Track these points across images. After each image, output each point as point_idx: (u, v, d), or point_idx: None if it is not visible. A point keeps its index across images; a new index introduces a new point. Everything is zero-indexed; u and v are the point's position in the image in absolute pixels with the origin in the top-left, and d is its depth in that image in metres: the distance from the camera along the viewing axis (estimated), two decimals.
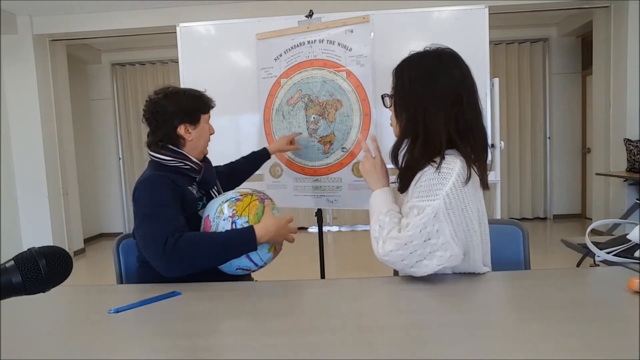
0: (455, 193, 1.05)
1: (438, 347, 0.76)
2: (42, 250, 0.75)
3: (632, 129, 4.24)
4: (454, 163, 1.07)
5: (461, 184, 1.06)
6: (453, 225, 1.05)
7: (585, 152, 5.66)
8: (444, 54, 1.18)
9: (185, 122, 1.45)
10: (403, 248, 1.05)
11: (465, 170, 1.07)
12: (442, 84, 1.12)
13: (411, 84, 1.15)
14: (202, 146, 1.52)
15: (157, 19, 4.39)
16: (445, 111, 1.10)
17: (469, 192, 1.08)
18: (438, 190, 1.04)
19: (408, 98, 1.16)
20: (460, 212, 1.06)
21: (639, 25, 4.17)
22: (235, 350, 0.78)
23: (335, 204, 2.35)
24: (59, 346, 0.82)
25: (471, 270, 1.16)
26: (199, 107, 1.49)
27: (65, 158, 4.97)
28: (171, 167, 1.43)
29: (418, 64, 1.18)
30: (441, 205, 1.04)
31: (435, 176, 1.06)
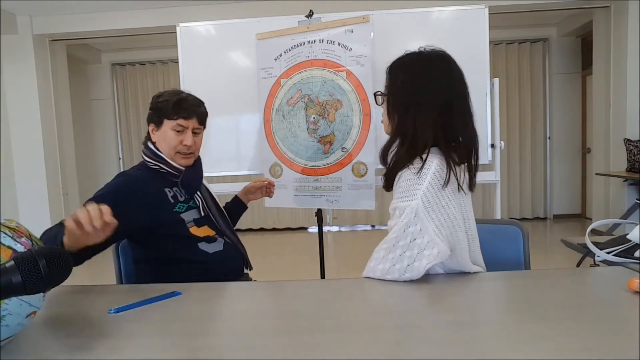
0: (433, 192, 1.07)
1: (438, 347, 0.76)
2: (42, 250, 0.75)
3: (632, 129, 4.24)
4: (431, 162, 1.09)
5: (438, 183, 1.08)
6: (435, 222, 1.07)
7: (585, 152, 5.67)
8: (437, 58, 1.20)
9: (152, 122, 1.49)
10: (392, 250, 1.09)
11: (443, 170, 1.09)
12: (433, 89, 1.14)
13: (403, 86, 1.17)
14: (167, 152, 1.46)
15: (157, 19, 4.39)
16: (434, 116, 1.12)
17: (448, 191, 1.09)
18: (415, 191, 1.07)
19: (399, 100, 1.18)
20: (442, 209, 1.08)
21: (639, 25, 4.17)
22: (235, 350, 0.78)
23: (335, 204, 2.35)
24: (59, 346, 0.82)
25: (460, 269, 1.16)
26: (163, 111, 1.45)
27: (65, 158, 4.97)
28: (151, 168, 1.49)
29: (411, 67, 1.20)
30: (419, 205, 1.06)
31: (413, 177, 1.09)
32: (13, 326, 0.78)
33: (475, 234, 1.20)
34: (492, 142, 2.50)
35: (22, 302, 0.78)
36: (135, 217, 1.36)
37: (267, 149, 2.45)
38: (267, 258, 4.40)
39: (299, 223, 5.90)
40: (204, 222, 1.50)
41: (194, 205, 1.50)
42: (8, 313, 0.76)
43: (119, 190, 1.38)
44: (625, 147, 4.16)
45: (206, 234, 1.48)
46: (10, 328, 0.77)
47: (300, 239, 5.52)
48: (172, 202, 1.45)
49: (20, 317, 0.79)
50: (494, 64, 5.43)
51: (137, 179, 1.44)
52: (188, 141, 1.46)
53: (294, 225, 5.90)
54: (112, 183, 1.41)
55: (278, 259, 4.53)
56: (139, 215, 1.37)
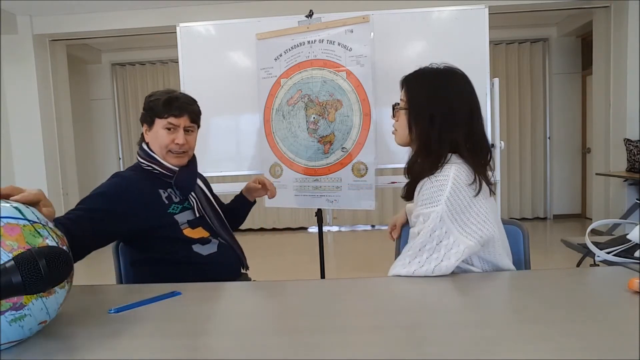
0: (457, 195, 1.13)
1: (438, 347, 0.76)
2: (42, 250, 0.75)
3: (632, 129, 4.24)
4: (449, 169, 1.15)
5: (459, 186, 1.13)
6: (459, 223, 1.13)
7: (585, 152, 5.67)
8: (455, 72, 1.25)
9: (145, 122, 1.49)
10: (418, 255, 1.14)
11: (462, 174, 1.15)
12: (456, 100, 1.20)
13: (427, 98, 1.22)
14: (159, 152, 1.46)
15: (157, 19, 4.39)
16: (457, 127, 1.18)
17: (470, 192, 1.14)
18: (439, 197, 1.13)
19: (423, 112, 1.21)
20: (465, 210, 1.13)
21: (639, 25, 4.17)
22: (235, 350, 0.78)
23: (335, 204, 2.35)
24: (58, 346, 0.82)
25: (494, 261, 1.21)
26: (154, 110, 1.45)
27: (65, 158, 4.97)
28: (145, 169, 1.48)
29: (432, 80, 1.24)
30: (444, 209, 1.12)
31: (435, 184, 1.14)
32: (26, 330, 0.78)
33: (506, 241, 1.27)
34: (492, 142, 2.50)
35: (43, 307, 0.78)
36: (130, 218, 1.36)
37: (267, 149, 2.45)
38: (267, 258, 4.40)
39: (299, 223, 5.90)
40: (199, 224, 1.49)
41: (189, 206, 1.49)
42: (29, 314, 0.76)
43: (114, 190, 1.38)
44: (625, 147, 4.16)
45: (200, 235, 1.47)
46: (23, 330, 0.77)
47: (300, 239, 5.52)
48: (166, 202, 1.44)
49: (35, 323, 0.78)
50: (494, 64, 5.43)
51: (131, 180, 1.43)
52: (180, 139, 1.44)
53: (294, 225, 5.90)
54: (107, 184, 1.40)
55: (278, 259, 4.52)
56: (133, 216, 1.36)
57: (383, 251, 1.95)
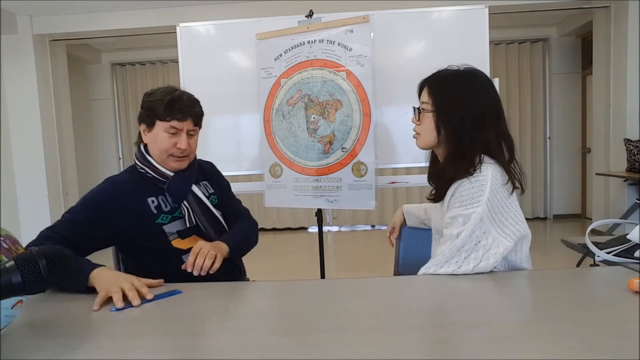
0: (495, 195, 1.14)
1: (438, 346, 0.76)
2: (42, 250, 0.75)
3: (632, 129, 4.24)
4: (486, 170, 1.16)
5: (497, 187, 1.15)
6: (497, 224, 1.14)
7: (585, 152, 5.67)
8: (480, 73, 1.26)
9: (143, 122, 1.44)
10: (457, 255, 1.14)
11: (498, 174, 1.16)
12: (483, 101, 1.21)
13: (455, 100, 1.21)
14: (158, 155, 1.40)
15: (157, 19, 4.39)
16: (487, 127, 1.19)
17: (507, 192, 1.17)
18: (479, 197, 1.13)
19: (451, 113, 1.21)
20: (503, 210, 1.15)
21: (639, 25, 4.17)
22: (235, 350, 0.78)
23: (335, 204, 2.35)
24: (58, 346, 0.82)
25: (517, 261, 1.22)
26: (155, 111, 1.37)
27: (65, 158, 4.97)
28: (139, 172, 1.43)
29: (458, 81, 1.23)
30: (485, 210, 1.13)
31: (475, 185, 1.15)
32: (2, 318, 0.79)
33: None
34: None
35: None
36: (114, 226, 1.33)
37: (267, 149, 2.45)
38: (267, 258, 4.40)
39: (299, 223, 5.90)
40: (190, 233, 1.41)
41: (180, 215, 1.40)
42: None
43: (98, 198, 1.35)
44: (625, 147, 4.16)
45: (191, 245, 1.33)
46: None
47: (300, 239, 5.52)
48: (155, 212, 1.37)
49: (6, 310, 0.79)
50: (494, 64, 5.43)
51: (120, 186, 1.38)
52: (182, 144, 1.36)
53: (294, 225, 5.90)
54: (96, 190, 1.39)
55: (278, 259, 4.52)
56: (118, 224, 1.33)
57: (383, 251, 1.95)
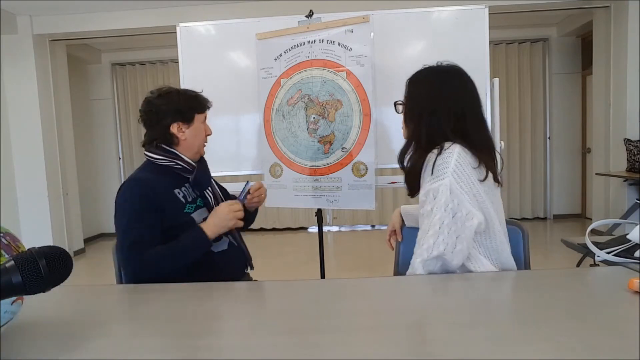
0: (463, 169, 1.16)
1: (438, 347, 0.76)
2: (42, 250, 0.75)
3: (632, 129, 4.24)
4: (454, 147, 1.18)
5: (464, 164, 1.16)
6: (468, 195, 1.16)
7: (585, 152, 5.67)
8: (450, 72, 1.29)
9: (178, 121, 1.46)
10: (440, 233, 1.13)
11: (466, 153, 1.18)
12: (446, 99, 1.24)
13: (418, 97, 1.28)
14: (198, 146, 1.52)
15: (157, 19, 4.39)
16: (446, 124, 1.22)
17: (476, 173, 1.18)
18: (445, 169, 1.15)
19: (414, 109, 1.29)
20: (472, 185, 1.16)
21: (639, 25, 4.17)
22: (235, 350, 0.78)
23: (335, 204, 2.35)
24: (58, 346, 0.82)
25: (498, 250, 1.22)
26: (193, 106, 1.49)
27: (65, 158, 4.97)
28: (163, 166, 1.46)
29: (426, 79, 1.30)
30: (452, 181, 1.14)
31: (441, 158, 1.17)
32: (2, 314, 0.79)
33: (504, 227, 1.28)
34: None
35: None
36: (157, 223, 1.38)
37: (267, 149, 2.45)
38: (267, 258, 4.40)
39: (299, 223, 5.90)
40: None
41: (201, 205, 1.50)
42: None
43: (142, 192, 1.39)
44: (625, 147, 4.16)
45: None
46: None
47: (300, 239, 5.52)
48: (183, 202, 1.45)
49: (6, 305, 0.79)
50: (494, 64, 5.43)
51: (149, 181, 1.42)
52: (209, 130, 1.55)
53: (294, 225, 5.90)
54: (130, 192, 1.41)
55: (278, 259, 4.53)
56: (161, 215, 1.39)
57: (383, 251, 1.95)
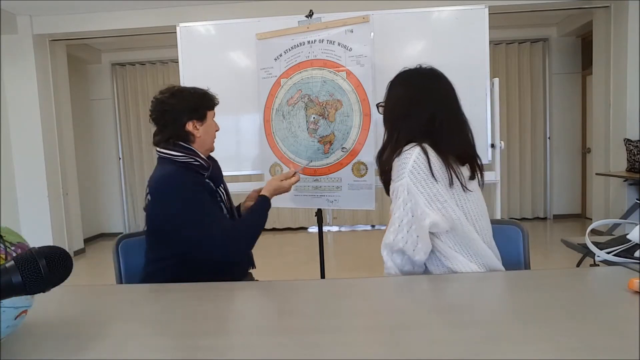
0: (419, 169, 1.19)
1: (438, 346, 0.76)
2: (42, 250, 0.75)
3: (632, 129, 4.24)
4: (414, 148, 1.22)
5: (422, 163, 1.19)
6: (424, 196, 1.18)
7: (585, 152, 5.67)
8: (428, 75, 1.33)
9: (193, 119, 1.50)
10: (400, 231, 1.19)
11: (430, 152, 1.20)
12: (417, 102, 1.28)
13: (394, 99, 1.34)
14: (210, 142, 1.58)
15: (157, 19, 4.39)
16: (417, 127, 1.26)
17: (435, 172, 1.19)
18: (403, 170, 1.20)
19: (388, 112, 1.35)
20: (431, 186, 1.19)
21: (639, 25, 4.17)
22: (235, 350, 0.78)
23: (335, 204, 2.35)
24: (58, 346, 0.82)
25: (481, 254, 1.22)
26: (205, 104, 1.54)
27: (65, 158, 4.97)
28: (181, 162, 1.48)
29: (403, 81, 1.34)
30: (408, 182, 1.19)
31: (398, 159, 1.23)
32: (3, 330, 0.78)
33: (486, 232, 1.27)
34: (492, 142, 2.50)
35: (6, 309, 0.77)
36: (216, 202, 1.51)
37: (267, 149, 2.45)
38: (267, 258, 4.39)
39: (299, 223, 5.90)
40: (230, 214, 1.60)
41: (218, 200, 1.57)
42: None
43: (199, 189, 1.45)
44: (625, 147, 4.16)
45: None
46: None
47: (300, 239, 5.52)
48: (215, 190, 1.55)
49: (9, 321, 0.78)
50: (494, 64, 5.43)
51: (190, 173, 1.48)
52: (217, 126, 1.62)
53: (294, 225, 5.90)
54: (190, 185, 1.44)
55: (278, 259, 4.52)
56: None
57: None
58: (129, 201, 6.18)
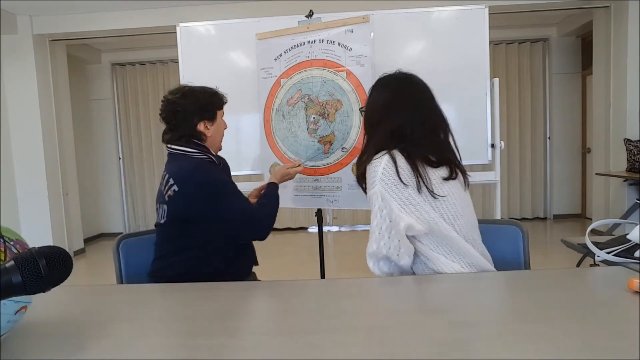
0: (388, 175, 1.21)
1: (438, 347, 0.76)
2: (42, 250, 0.75)
3: (632, 129, 4.24)
4: (383, 156, 1.24)
5: (392, 169, 1.21)
6: (397, 200, 1.20)
7: (585, 152, 5.67)
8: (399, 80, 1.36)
9: (205, 119, 1.55)
10: (381, 238, 1.21)
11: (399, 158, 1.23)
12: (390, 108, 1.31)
13: (369, 106, 1.37)
14: (219, 141, 1.65)
15: (157, 19, 4.39)
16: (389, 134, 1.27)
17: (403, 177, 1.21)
18: (374, 178, 1.23)
19: (367, 119, 1.37)
20: (402, 190, 1.20)
21: (639, 25, 4.17)
22: (235, 350, 0.78)
23: (335, 204, 2.35)
24: (58, 346, 0.82)
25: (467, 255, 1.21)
26: (215, 104, 1.59)
27: (65, 158, 4.97)
28: (196, 159, 1.53)
29: (378, 89, 1.37)
30: (380, 189, 1.21)
31: (369, 167, 1.26)
32: (3, 324, 0.78)
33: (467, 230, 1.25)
34: (492, 142, 2.50)
35: (6, 302, 0.77)
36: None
37: (267, 148, 2.45)
38: (267, 258, 4.39)
39: (299, 223, 5.90)
40: None
41: None
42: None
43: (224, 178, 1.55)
44: (625, 147, 4.16)
45: None
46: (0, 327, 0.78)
47: (300, 239, 5.52)
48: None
49: (9, 315, 0.79)
50: (494, 64, 5.43)
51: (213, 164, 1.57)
52: (225, 124, 1.68)
53: (294, 225, 5.90)
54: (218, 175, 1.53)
55: (278, 259, 4.52)
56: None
57: None
58: (129, 201, 6.18)
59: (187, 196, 1.44)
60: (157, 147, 5.90)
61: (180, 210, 1.46)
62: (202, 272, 1.44)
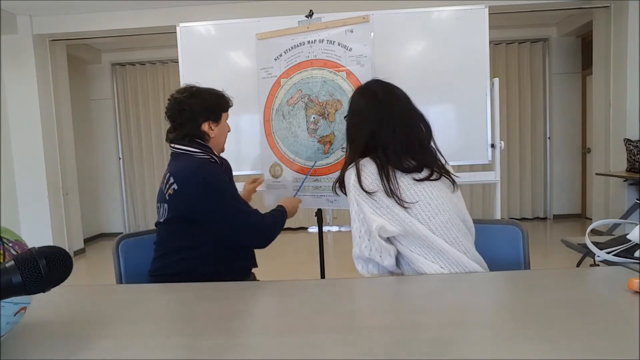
0: (356, 184, 1.25)
1: (437, 347, 0.76)
2: (42, 250, 0.75)
3: (632, 129, 4.24)
4: (358, 163, 1.28)
5: (366, 173, 1.25)
6: (368, 203, 1.24)
7: (585, 152, 5.67)
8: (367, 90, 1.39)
9: (209, 120, 1.57)
10: (362, 242, 1.26)
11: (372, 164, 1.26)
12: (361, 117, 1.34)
13: (348, 116, 1.40)
14: (222, 142, 1.67)
15: (157, 19, 4.39)
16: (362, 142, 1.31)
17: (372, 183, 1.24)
18: (349, 184, 1.28)
19: (347, 127, 1.40)
20: (372, 194, 1.24)
21: (639, 25, 4.17)
22: (235, 349, 0.78)
23: (335, 204, 2.35)
24: (58, 346, 0.82)
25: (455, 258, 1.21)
26: (221, 106, 1.61)
27: (65, 158, 4.97)
28: (199, 158, 1.53)
29: (354, 98, 1.41)
30: (354, 195, 1.26)
31: (347, 174, 1.30)
32: (3, 326, 0.78)
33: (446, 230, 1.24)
34: (492, 142, 2.50)
35: (5, 304, 0.77)
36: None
37: (267, 148, 2.45)
38: (267, 258, 4.39)
39: (299, 223, 5.90)
40: None
41: None
42: None
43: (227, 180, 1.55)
44: (625, 147, 4.16)
45: None
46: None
47: (300, 239, 5.52)
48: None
49: (8, 317, 0.79)
50: (494, 64, 5.43)
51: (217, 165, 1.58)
52: (229, 127, 1.70)
53: (294, 225, 5.90)
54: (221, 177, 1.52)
55: (278, 259, 4.52)
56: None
57: None
58: (129, 201, 6.18)
59: (187, 194, 1.44)
60: (157, 147, 5.91)
61: (181, 208, 1.46)
62: (202, 272, 1.44)
